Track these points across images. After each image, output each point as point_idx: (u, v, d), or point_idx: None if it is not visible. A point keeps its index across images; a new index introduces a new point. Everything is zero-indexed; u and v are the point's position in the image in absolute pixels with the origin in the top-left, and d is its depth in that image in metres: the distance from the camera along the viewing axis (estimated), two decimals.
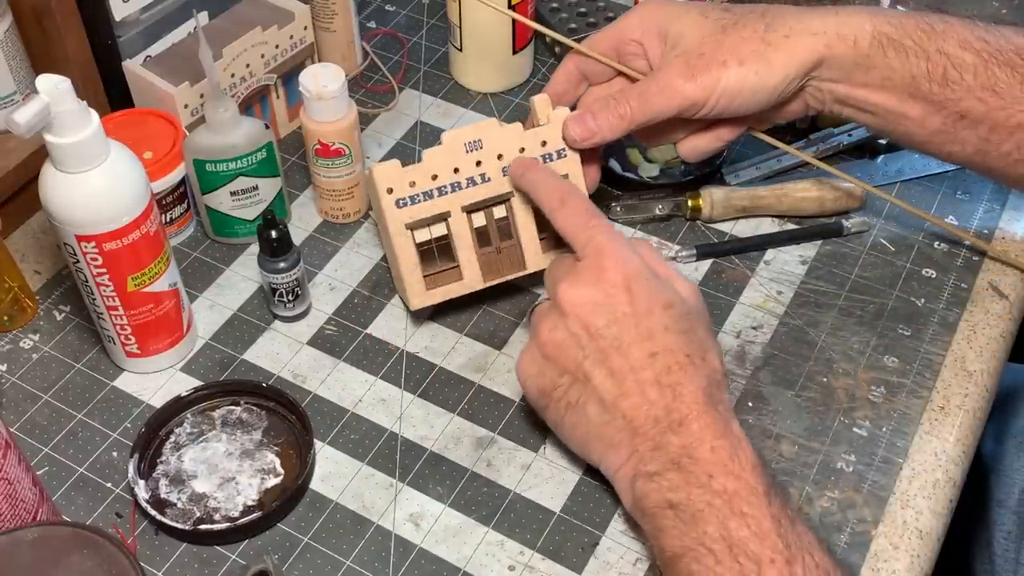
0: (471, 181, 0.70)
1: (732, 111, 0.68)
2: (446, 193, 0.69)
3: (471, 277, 0.72)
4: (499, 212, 0.71)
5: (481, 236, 0.71)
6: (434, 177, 0.69)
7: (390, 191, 0.69)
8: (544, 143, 0.70)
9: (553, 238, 0.71)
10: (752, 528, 0.54)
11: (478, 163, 0.69)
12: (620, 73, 0.72)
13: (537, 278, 0.72)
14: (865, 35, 0.66)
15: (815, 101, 0.69)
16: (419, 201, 0.69)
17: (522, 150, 0.70)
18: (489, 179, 0.70)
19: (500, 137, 0.69)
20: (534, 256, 0.72)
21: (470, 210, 0.70)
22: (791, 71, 0.66)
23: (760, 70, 0.66)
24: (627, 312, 0.60)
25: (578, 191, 0.67)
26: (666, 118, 0.68)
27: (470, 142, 0.69)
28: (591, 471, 0.66)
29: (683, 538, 0.56)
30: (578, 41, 0.73)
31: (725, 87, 0.66)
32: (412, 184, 0.69)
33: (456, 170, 0.69)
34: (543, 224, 0.71)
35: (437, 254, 0.71)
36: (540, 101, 0.70)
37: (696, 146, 0.72)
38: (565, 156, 0.71)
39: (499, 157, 0.70)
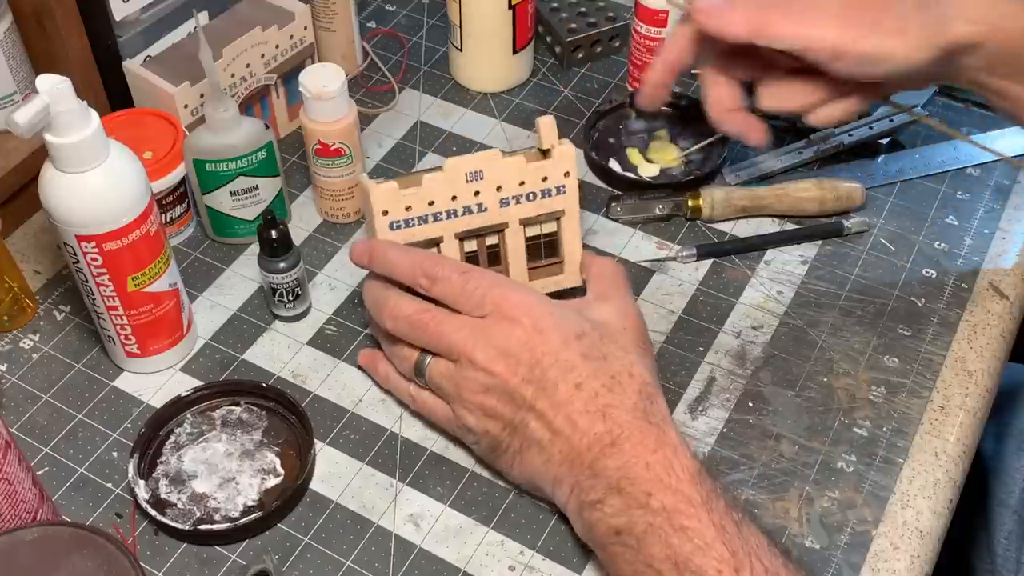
0: (467, 210, 0.69)
1: (867, 75, 0.65)
2: (441, 219, 0.69)
3: None
4: (491, 240, 0.71)
5: (471, 262, 0.70)
6: (431, 203, 0.68)
7: (385, 213, 0.68)
8: (545, 179, 0.69)
9: (544, 267, 0.72)
10: (695, 541, 0.54)
11: (476, 193, 0.69)
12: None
13: None
14: (1020, 28, 0.63)
15: (946, 78, 0.67)
16: (413, 225, 0.68)
17: (522, 183, 0.69)
18: (485, 209, 0.69)
19: (502, 169, 0.69)
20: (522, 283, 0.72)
21: (463, 237, 0.70)
22: (939, 53, 0.63)
23: (908, 44, 0.63)
24: (544, 351, 0.60)
25: (436, 257, 0.65)
26: (794, 51, 0.64)
27: (471, 172, 0.68)
28: None
29: (633, 563, 0.55)
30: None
31: (873, 51, 0.63)
32: (408, 208, 0.68)
33: (454, 198, 0.68)
34: (534, 253, 0.71)
35: None
36: (545, 124, 0.68)
37: (830, 114, 0.69)
38: (564, 192, 0.70)
39: (498, 189, 0.69)
